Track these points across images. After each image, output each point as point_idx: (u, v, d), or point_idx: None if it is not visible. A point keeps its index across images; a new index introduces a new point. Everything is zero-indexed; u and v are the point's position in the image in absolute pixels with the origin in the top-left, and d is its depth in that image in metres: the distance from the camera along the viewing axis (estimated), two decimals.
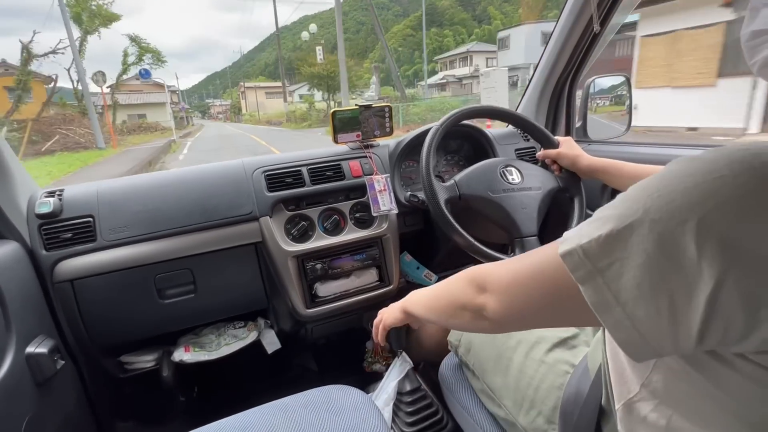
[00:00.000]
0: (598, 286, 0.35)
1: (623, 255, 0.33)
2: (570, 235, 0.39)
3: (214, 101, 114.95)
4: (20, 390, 0.73)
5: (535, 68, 1.36)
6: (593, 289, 0.35)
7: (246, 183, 1.01)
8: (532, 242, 0.87)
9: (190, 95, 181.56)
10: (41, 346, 0.78)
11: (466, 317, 0.52)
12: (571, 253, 0.37)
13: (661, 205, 0.32)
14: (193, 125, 47.62)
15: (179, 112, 41.42)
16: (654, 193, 0.33)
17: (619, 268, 0.33)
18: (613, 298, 0.34)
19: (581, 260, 0.36)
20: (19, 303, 0.77)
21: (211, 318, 1.09)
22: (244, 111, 60.28)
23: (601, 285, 0.34)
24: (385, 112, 1.15)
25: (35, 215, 0.87)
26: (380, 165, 1.14)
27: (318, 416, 0.65)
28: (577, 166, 0.91)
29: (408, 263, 1.21)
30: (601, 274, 0.34)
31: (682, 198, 0.31)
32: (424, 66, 28.15)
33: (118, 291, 0.92)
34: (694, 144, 1.04)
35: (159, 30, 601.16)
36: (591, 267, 0.35)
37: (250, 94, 58.92)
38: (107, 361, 1.03)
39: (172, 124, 22.45)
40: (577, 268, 0.36)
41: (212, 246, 0.97)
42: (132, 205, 0.93)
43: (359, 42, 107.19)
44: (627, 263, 0.33)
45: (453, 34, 69.97)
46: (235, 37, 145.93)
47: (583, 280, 0.36)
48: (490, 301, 0.47)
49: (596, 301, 0.35)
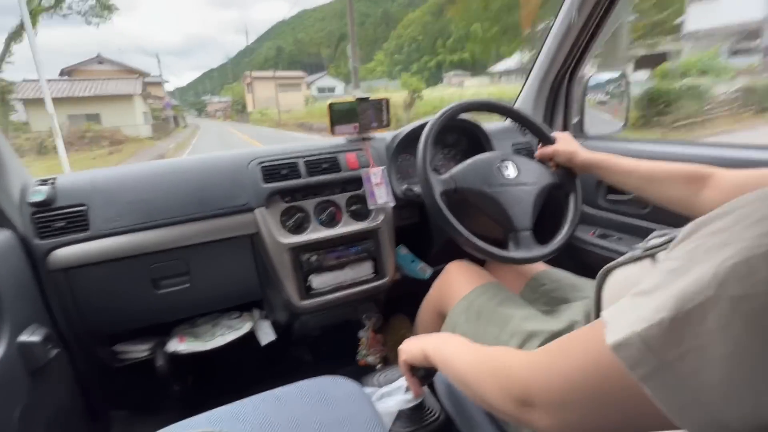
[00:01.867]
0: (669, 386, 0.27)
1: (698, 343, 0.26)
2: (616, 318, 0.32)
3: (211, 98, 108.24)
4: (13, 378, 0.73)
5: (533, 62, 1.36)
6: (663, 389, 0.28)
7: (242, 174, 1.01)
8: (526, 236, 0.87)
9: (185, 93, 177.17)
10: (34, 334, 0.78)
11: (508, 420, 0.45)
12: (626, 345, 0.29)
13: (740, 276, 0.25)
14: (185, 127, 37.11)
15: (162, 111, 29.37)
16: (724, 261, 0.26)
17: (697, 360, 0.26)
18: (693, 398, 0.27)
19: (642, 353, 0.28)
20: (12, 291, 0.76)
21: (205, 308, 1.09)
22: (251, 108, 46.90)
23: (673, 383, 0.27)
24: (382, 105, 1.15)
25: (28, 203, 0.86)
26: (377, 157, 1.13)
27: (311, 407, 0.65)
28: (573, 162, 0.91)
29: (403, 256, 1.21)
30: (670, 368, 0.27)
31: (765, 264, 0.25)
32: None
33: (112, 280, 0.91)
34: (693, 143, 1.04)
35: (154, 27, 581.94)
36: (656, 362, 0.28)
37: (260, 87, 47.13)
38: (101, 350, 1.03)
39: (143, 130, 16.32)
40: (638, 363, 0.29)
41: (207, 237, 0.96)
42: (127, 194, 0.92)
43: (367, 33, 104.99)
44: (706, 354, 0.26)
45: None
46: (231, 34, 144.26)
47: (647, 378, 0.28)
48: (540, 419, 0.38)
49: (671, 405, 0.28)
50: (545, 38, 1.29)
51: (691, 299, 0.27)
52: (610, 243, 1.12)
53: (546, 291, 0.90)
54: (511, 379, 0.42)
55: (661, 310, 0.28)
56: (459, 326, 0.82)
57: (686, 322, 0.27)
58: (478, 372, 0.48)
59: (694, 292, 0.27)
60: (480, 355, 0.49)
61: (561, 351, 0.38)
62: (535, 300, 0.90)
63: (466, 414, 0.75)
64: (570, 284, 0.89)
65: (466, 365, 0.51)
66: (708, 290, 0.26)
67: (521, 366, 0.42)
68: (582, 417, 0.35)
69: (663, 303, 0.28)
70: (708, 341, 0.26)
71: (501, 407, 0.43)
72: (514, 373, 0.42)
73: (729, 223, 0.28)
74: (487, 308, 0.80)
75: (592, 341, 0.34)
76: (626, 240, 1.11)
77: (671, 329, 0.27)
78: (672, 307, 0.27)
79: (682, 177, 0.72)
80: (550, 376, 0.37)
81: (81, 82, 19.89)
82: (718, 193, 0.66)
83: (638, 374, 0.29)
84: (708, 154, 0.93)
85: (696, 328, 0.26)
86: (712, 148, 0.97)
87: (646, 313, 0.29)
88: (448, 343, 0.58)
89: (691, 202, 0.70)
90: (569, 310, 0.78)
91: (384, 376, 1.05)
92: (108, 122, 18.06)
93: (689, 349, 0.26)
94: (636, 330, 0.29)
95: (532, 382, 0.39)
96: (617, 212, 1.14)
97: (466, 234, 0.83)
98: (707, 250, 0.28)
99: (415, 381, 0.70)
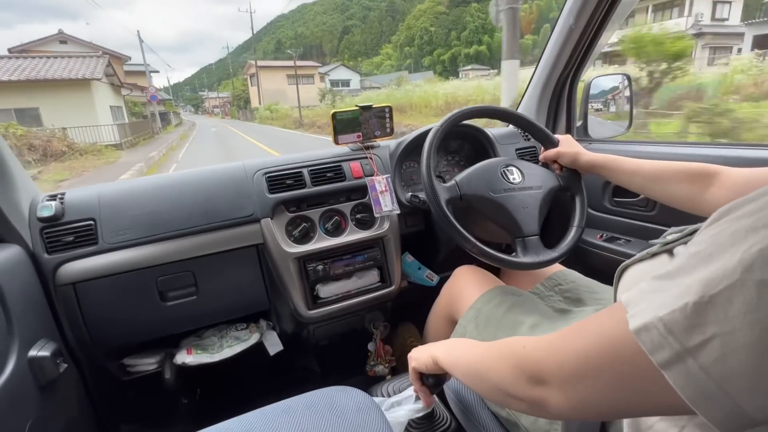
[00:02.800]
0: (692, 373, 0.27)
1: (723, 329, 0.26)
2: (637, 301, 0.31)
3: (208, 93, 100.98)
4: (23, 394, 0.73)
5: (535, 67, 1.36)
6: (685, 377, 0.27)
7: (247, 185, 1.02)
8: (533, 242, 0.87)
9: (180, 88, 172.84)
10: (44, 349, 0.78)
11: (520, 407, 0.43)
12: (647, 328, 0.29)
13: (764, 259, 0.25)
14: (178, 125, 32.96)
15: (146, 105, 21.92)
16: (751, 247, 0.25)
17: (720, 347, 0.26)
18: (717, 387, 0.26)
19: (663, 338, 0.28)
20: (21, 306, 0.77)
21: (213, 320, 1.09)
22: (255, 103, 40.65)
23: (696, 371, 0.26)
24: (385, 113, 1.15)
25: (37, 218, 0.87)
26: (381, 166, 1.14)
27: (321, 418, 0.65)
28: (577, 163, 0.91)
29: (409, 264, 1.21)
30: (692, 355, 0.27)
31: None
32: None
33: (120, 294, 0.92)
34: (697, 143, 1.03)
35: (151, 23, 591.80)
36: (678, 347, 0.27)
37: (267, 79, 39.06)
38: (110, 364, 1.03)
39: (106, 133, 11.25)
40: (658, 348, 0.28)
41: (213, 248, 0.97)
42: (133, 207, 0.93)
43: (372, 26, 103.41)
44: (731, 341, 0.25)
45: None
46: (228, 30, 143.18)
47: (667, 364, 0.28)
48: (552, 397, 0.38)
49: (693, 394, 0.27)
50: (546, 43, 1.29)
51: (716, 284, 0.26)
52: (618, 246, 1.11)
53: (561, 290, 0.90)
54: (523, 358, 0.42)
55: (686, 295, 0.27)
56: (468, 333, 0.82)
57: (711, 308, 0.26)
58: (489, 359, 0.48)
59: (720, 276, 0.26)
60: (491, 345, 0.50)
61: (577, 331, 0.37)
62: (549, 297, 0.90)
63: (476, 423, 0.74)
64: (585, 286, 0.89)
65: (477, 356, 0.51)
66: (734, 275, 0.25)
67: (535, 346, 0.41)
68: (595, 395, 0.34)
69: (687, 288, 0.27)
70: (733, 327, 0.25)
71: (513, 389, 0.42)
72: (527, 353, 0.41)
73: (755, 208, 0.27)
74: (495, 315, 0.80)
75: (608, 322, 0.33)
76: (633, 243, 1.10)
77: (695, 314, 0.26)
78: (696, 292, 0.27)
79: (687, 175, 0.71)
80: (565, 353, 0.37)
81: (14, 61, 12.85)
82: (724, 191, 0.65)
83: (658, 360, 0.28)
84: (713, 154, 0.93)
85: (721, 313, 0.26)
86: (717, 148, 0.96)
87: (669, 298, 0.28)
88: (458, 344, 0.58)
89: (697, 200, 0.69)
90: (581, 314, 0.78)
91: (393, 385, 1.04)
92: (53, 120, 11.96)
93: (714, 335, 0.26)
94: (659, 315, 0.28)
95: (547, 358, 0.39)
96: (624, 215, 1.13)
97: (474, 242, 0.82)
98: (733, 234, 0.27)
99: (425, 390, 0.69)
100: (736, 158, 0.89)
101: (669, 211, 1.01)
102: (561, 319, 0.78)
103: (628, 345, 0.30)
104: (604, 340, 0.33)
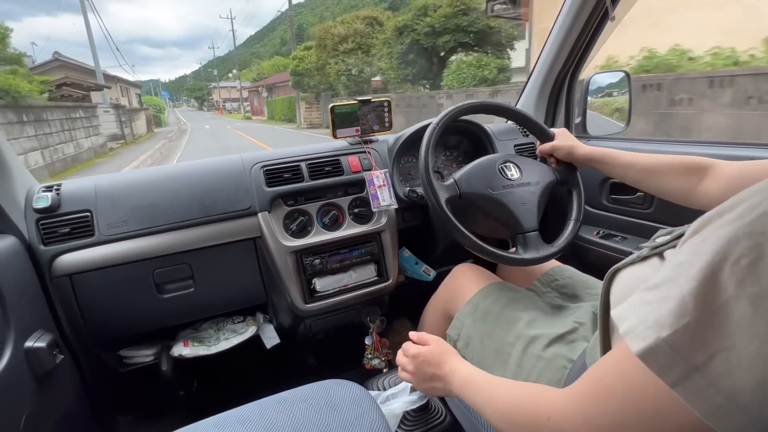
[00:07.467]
0: (701, 389, 0.27)
1: (725, 344, 0.26)
2: (637, 324, 0.31)
3: (219, 84, 79.25)
4: (19, 384, 0.73)
5: (534, 63, 1.36)
6: (696, 393, 0.28)
7: (245, 178, 1.01)
8: (533, 237, 0.87)
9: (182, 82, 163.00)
10: (40, 340, 0.78)
11: None
12: (654, 353, 0.29)
13: (758, 274, 0.25)
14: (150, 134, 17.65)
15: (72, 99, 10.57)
16: (739, 259, 0.26)
17: (725, 361, 0.26)
18: (728, 401, 0.26)
19: (670, 358, 0.28)
20: (17, 297, 0.77)
21: (210, 313, 1.09)
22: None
23: (704, 386, 0.27)
24: (384, 107, 1.15)
25: (33, 210, 0.87)
26: (379, 160, 1.13)
27: (317, 410, 0.65)
28: (573, 157, 0.91)
29: (407, 258, 1.21)
30: (700, 371, 0.27)
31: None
32: None
33: (116, 285, 0.92)
34: (695, 141, 1.04)
35: (161, 18, 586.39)
36: (685, 365, 0.28)
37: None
38: (106, 356, 1.03)
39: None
40: (668, 369, 0.28)
41: (211, 241, 0.97)
42: (130, 199, 0.93)
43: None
44: (734, 355, 0.26)
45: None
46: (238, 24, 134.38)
47: (677, 383, 0.28)
48: None
49: (706, 409, 0.27)
50: (546, 40, 1.29)
51: (712, 300, 0.27)
52: (614, 243, 1.11)
53: (558, 286, 0.91)
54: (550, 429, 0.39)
55: (684, 314, 0.28)
56: (465, 328, 0.82)
57: (711, 325, 0.27)
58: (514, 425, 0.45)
59: (715, 292, 0.27)
60: (510, 398, 0.47)
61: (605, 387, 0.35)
62: (546, 293, 0.90)
63: (471, 416, 0.75)
64: (582, 281, 0.90)
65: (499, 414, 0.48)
66: (726, 290, 0.26)
67: (563, 417, 0.39)
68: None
69: (684, 304, 0.28)
70: (734, 342, 0.26)
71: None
72: (557, 425, 0.39)
73: (735, 216, 0.28)
74: (493, 311, 0.80)
75: (627, 364, 0.32)
76: (630, 240, 1.10)
77: (696, 332, 0.27)
78: (695, 309, 0.27)
79: (681, 168, 0.72)
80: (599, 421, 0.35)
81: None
82: (717, 184, 0.66)
83: (669, 380, 0.28)
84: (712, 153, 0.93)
85: (721, 329, 0.26)
86: (715, 146, 0.97)
87: (667, 316, 0.29)
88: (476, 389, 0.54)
89: (692, 193, 0.70)
90: (578, 310, 0.78)
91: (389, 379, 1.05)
92: None
93: (716, 351, 0.26)
94: (662, 336, 0.28)
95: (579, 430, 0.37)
96: (621, 213, 1.13)
97: (475, 240, 0.83)
98: (715, 244, 0.28)
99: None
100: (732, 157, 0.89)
101: (665, 209, 1.01)
102: (557, 315, 0.79)
103: (641, 375, 0.30)
104: (636, 394, 0.32)
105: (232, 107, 56.01)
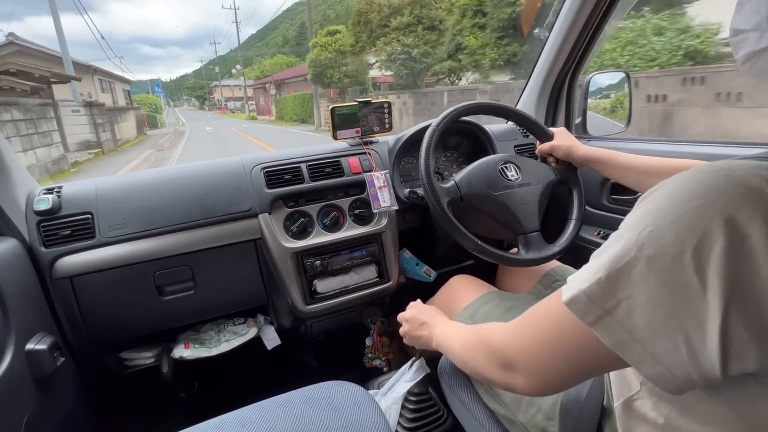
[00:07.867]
0: (611, 327, 0.35)
1: (627, 294, 0.33)
2: (572, 282, 0.39)
3: (221, 82, 75.41)
4: (20, 387, 0.73)
5: (534, 64, 1.36)
6: (607, 330, 0.35)
7: (245, 180, 1.01)
8: (535, 237, 0.87)
9: (183, 81, 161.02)
10: (41, 342, 0.78)
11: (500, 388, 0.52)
12: (575, 300, 0.37)
13: (653, 240, 0.32)
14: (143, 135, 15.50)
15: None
16: (644, 229, 0.33)
17: (627, 307, 0.33)
18: (629, 336, 0.34)
19: (587, 305, 0.36)
20: (18, 300, 0.77)
21: (210, 314, 1.09)
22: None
23: (613, 325, 0.34)
24: (384, 109, 1.15)
25: (34, 212, 0.87)
26: (379, 161, 1.13)
27: (318, 412, 0.65)
28: (572, 156, 0.91)
29: (407, 259, 1.21)
30: (610, 314, 0.34)
31: (670, 231, 0.31)
32: None
33: (117, 288, 0.92)
34: (694, 141, 1.04)
35: (161, 17, 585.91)
36: (599, 310, 0.35)
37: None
38: (107, 358, 1.03)
39: None
40: (586, 313, 0.36)
41: (211, 243, 0.97)
42: (131, 201, 0.93)
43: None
44: (633, 302, 0.33)
45: None
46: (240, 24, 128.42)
47: (594, 323, 0.36)
48: (520, 381, 0.46)
49: (614, 342, 0.35)
50: (545, 41, 1.29)
51: (620, 260, 0.34)
52: None
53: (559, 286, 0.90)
54: (494, 348, 0.50)
55: (599, 271, 0.35)
56: None
57: (616, 278, 0.34)
58: (471, 350, 0.56)
59: (623, 254, 0.34)
60: (471, 335, 0.58)
61: (531, 316, 0.46)
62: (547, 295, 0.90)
63: (472, 418, 0.74)
64: None
65: (462, 347, 0.59)
66: (631, 252, 0.33)
67: (502, 335, 0.50)
68: (553, 371, 0.42)
69: (601, 265, 0.35)
70: (633, 292, 0.33)
71: (492, 376, 0.51)
72: (496, 343, 0.50)
73: (655, 197, 0.35)
74: (494, 314, 0.80)
75: (555, 304, 0.41)
76: None
77: (607, 284, 0.35)
78: (607, 267, 0.35)
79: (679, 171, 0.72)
80: (523, 339, 0.45)
81: None
82: None
83: (587, 321, 0.36)
84: (711, 152, 0.93)
85: (624, 282, 0.33)
86: (715, 146, 0.97)
87: (589, 274, 0.36)
88: (450, 330, 0.66)
89: None
90: None
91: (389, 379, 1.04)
92: None
93: (621, 298, 0.34)
94: (582, 288, 0.36)
95: (510, 347, 0.47)
96: (622, 213, 1.13)
97: (477, 242, 0.83)
98: (635, 218, 0.35)
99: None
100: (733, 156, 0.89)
101: None
102: None
103: (570, 318, 0.38)
104: (553, 320, 0.41)
105: (235, 106, 53.30)
